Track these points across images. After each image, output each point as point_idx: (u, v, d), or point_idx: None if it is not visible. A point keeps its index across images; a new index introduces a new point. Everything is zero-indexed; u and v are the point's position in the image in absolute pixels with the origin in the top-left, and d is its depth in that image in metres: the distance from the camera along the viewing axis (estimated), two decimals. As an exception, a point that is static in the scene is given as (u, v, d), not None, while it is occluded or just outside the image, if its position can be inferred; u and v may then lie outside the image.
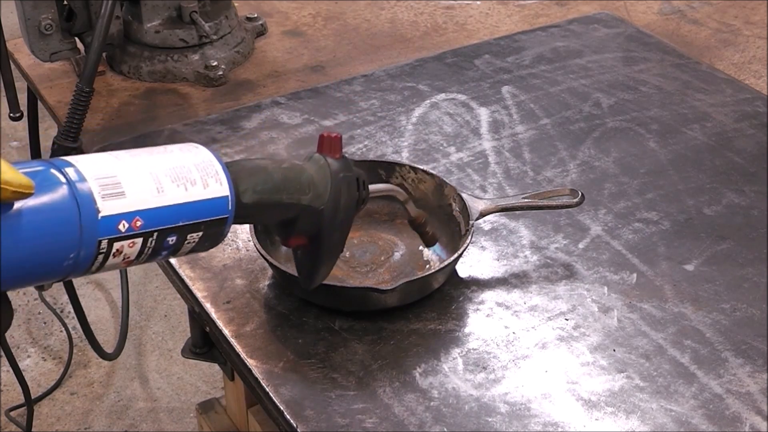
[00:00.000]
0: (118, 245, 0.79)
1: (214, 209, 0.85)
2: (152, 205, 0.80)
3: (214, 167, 0.85)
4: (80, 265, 0.78)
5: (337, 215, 0.95)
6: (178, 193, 0.82)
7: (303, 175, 0.93)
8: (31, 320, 2.43)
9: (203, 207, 0.84)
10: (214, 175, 0.85)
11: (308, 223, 0.94)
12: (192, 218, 0.83)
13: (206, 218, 0.84)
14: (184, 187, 0.82)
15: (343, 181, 0.95)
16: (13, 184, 0.71)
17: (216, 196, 0.84)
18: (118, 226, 0.78)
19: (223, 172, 0.85)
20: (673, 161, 1.33)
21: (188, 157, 0.85)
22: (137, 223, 0.79)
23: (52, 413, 2.19)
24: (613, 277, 1.14)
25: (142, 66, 1.53)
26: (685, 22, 1.71)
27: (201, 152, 0.86)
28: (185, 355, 1.22)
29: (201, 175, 0.84)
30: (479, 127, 1.40)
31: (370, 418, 0.97)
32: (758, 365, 1.02)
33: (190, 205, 0.83)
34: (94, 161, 0.80)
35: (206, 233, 0.85)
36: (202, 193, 0.83)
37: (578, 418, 0.97)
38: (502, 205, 1.16)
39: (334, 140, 0.96)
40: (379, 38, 1.66)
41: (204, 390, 2.24)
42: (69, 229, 0.75)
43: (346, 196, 0.95)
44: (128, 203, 0.79)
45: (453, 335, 1.06)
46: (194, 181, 0.83)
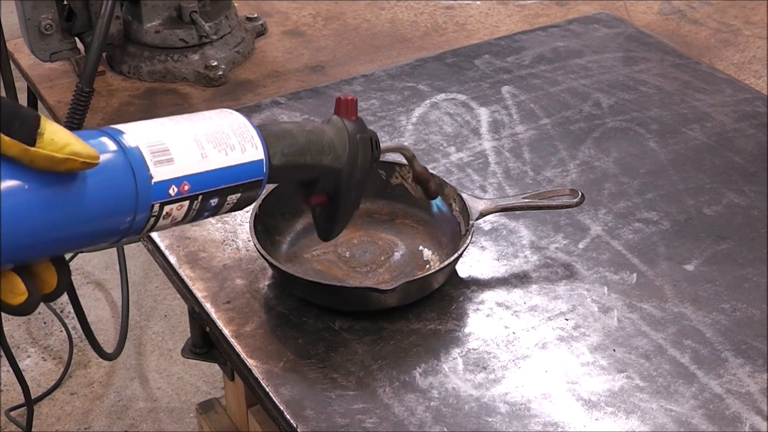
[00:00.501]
0: (168, 208, 0.84)
1: (251, 172, 0.90)
2: (197, 170, 0.85)
3: (250, 132, 0.90)
4: (135, 227, 0.82)
5: (355, 174, 1.00)
6: (219, 157, 0.87)
7: (324, 137, 0.98)
8: (31, 320, 2.43)
9: (242, 170, 0.89)
10: (250, 140, 0.90)
11: (328, 183, 0.99)
12: (232, 181, 0.88)
13: (244, 180, 0.89)
14: (225, 152, 0.87)
15: (360, 141, 1.00)
16: (82, 155, 0.75)
17: (253, 159, 0.90)
18: (169, 191, 0.83)
19: (258, 136, 0.90)
20: (673, 161, 1.33)
21: (225, 122, 0.89)
22: (185, 187, 0.84)
23: (52, 413, 2.19)
24: (613, 277, 1.14)
25: (142, 66, 1.53)
26: (685, 22, 1.71)
27: (236, 117, 0.91)
28: (185, 355, 1.22)
29: (239, 140, 0.89)
30: (479, 127, 1.40)
31: (370, 418, 0.97)
32: (758, 365, 1.02)
33: (231, 168, 0.88)
34: (142, 128, 0.85)
35: (243, 194, 0.90)
36: (240, 158, 0.88)
37: (578, 418, 0.97)
38: (502, 205, 1.16)
39: (351, 103, 1.00)
40: (379, 38, 1.66)
41: (204, 390, 2.24)
42: (126, 195, 0.80)
43: (363, 156, 1.00)
44: (177, 169, 0.84)
45: (453, 335, 1.06)
46: (233, 146, 0.88)
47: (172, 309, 2.46)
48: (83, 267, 2.56)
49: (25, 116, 0.74)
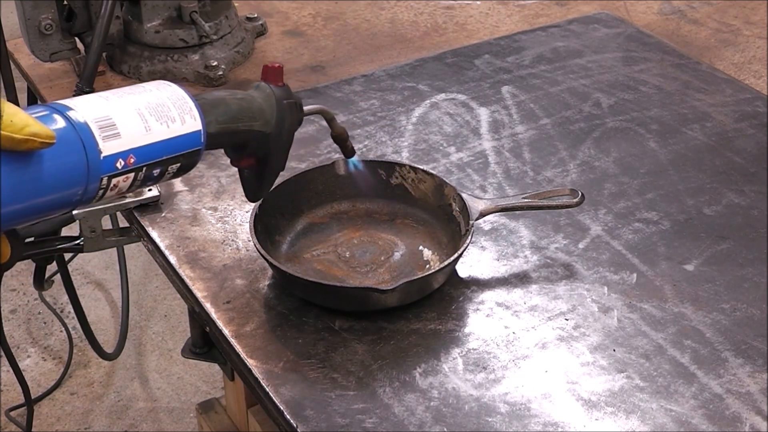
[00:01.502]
0: (115, 180, 0.88)
1: (191, 142, 0.94)
2: (142, 143, 0.90)
3: (188, 103, 0.94)
4: (85, 199, 0.87)
5: (282, 137, 1.05)
6: (161, 130, 0.91)
7: (254, 104, 1.03)
8: (31, 320, 2.43)
9: (182, 141, 0.93)
10: (188, 111, 0.94)
11: (258, 146, 1.04)
12: (173, 152, 0.93)
13: (185, 150, 0.94)
14: (166, 124, 0.92)
15: (286, 106, 1.05)
16: (41, 135, 0.80)
17: (192, 130, 0.94)
18: (116, 164, 0.88)
19: (196, 107, 0.95)
20: (673, 161, 1.33)
21: (165, 94, 0.93)
22: (131, 160, 0.89)
23: (52, 413, 2.19)
24: (613, 277, 1.14)
25: (142, 66, 1.53)
26: (685, 22, 1.71)
27: (174, 89, 0.95)
28: (185, 355, 1.22)
29: (179, 112, 0.93)
30: (479, 127, 1.40)
31: (370, 418, 0.97)
32: (758, 365, 1.02)
33: (172, 140, 0.92)
34: (89, 103, 0.88)
35: (183, 164, 0.95)
36: (180, 129, 0.93)
37: (578, 418, 0.97)
38: (502, 205, 1.16)
39: (277, 70, 1.05)
40: (379, 38, 1.66)
41: (204, 390, 2.24)
42: (78, 170, 0.85)
43: (289, 120, 1.06)
44: (123, 143, 0.88)
45: (453, 335, 1.06)
46: (174, 118, 0.92)
47: (172, 309, 2.46)
48: (83, 267, 2.56)
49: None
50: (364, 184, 1.21)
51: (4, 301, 2.45)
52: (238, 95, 1.02)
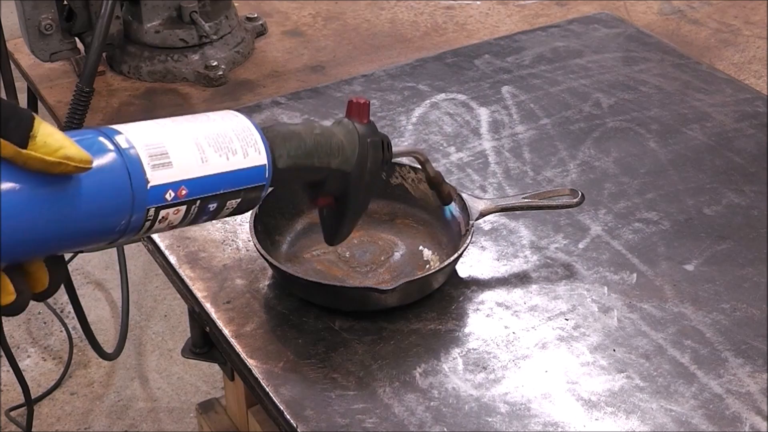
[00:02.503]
0: (164, 212, 0.83)
1: (253, 177, 0.89)
2: (196, 175, 0.84)
3: (253, 136, 0.89)
4: (130, 231, 0.82)
5: (364, 177, 0.99)
6: (220, 162, 0.86)
7: (333, 140, 0.97)
8: (31, 320, 2.43)
9: (243, 175, 0.88)
10: (253, 144, 0.88)
11: (336, 185, 0.99)
12: (232, 186, 0.87)
13: (245, 186, 0.88)
14: (226, 156, 0.86)
15: (370, 145, 0.99)
16: (75, 159, 0.75)
17: (255, 165, 0.88)
18: (165, 195, 0.82)
19: (262, 141, 0.89)
20: (673, 161, 1.33)
21: (228, 125, 0.88)
22: (182, 192, 0.83)
23: (52, 413, 2.19)
24: (613, 277, 1.14)
25: (142, 66, 1.53)
26: (685, 22, 1.71)
27: (240, 120, 0.90)
28: (185, 355, 1.22)
29: (241, 144, 0.87)
30: (479, 127, 1.40)
31: (370, 418, 0.97)
32: (758, 365, 1.02)
33: (231, 174, 0.87)
34: (142, 129, 0.83)
35: (244, 199, 0.89)
36: (242, 162, 0.87)
37: (578, 418, 0.97)
38: (502, 205, 1.16)
39: (363, 106, 1.00)
40: (379, 38, 1.66)
41: (204, 390, 2.24)
42: (121, 199, 0.80)
43: (373, 159, 0.99)
44: (175, 173, 0.82)
45: (453, 335, 1.06)
46: (235, 151, 0.87)
47: (172, 309, 2.46)
48: (83, 267, 2.56)
49: (21, 117, 0.73)
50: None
51: (4, 301, 2.45)
52: (315, 130, 0.97)
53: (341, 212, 1.02)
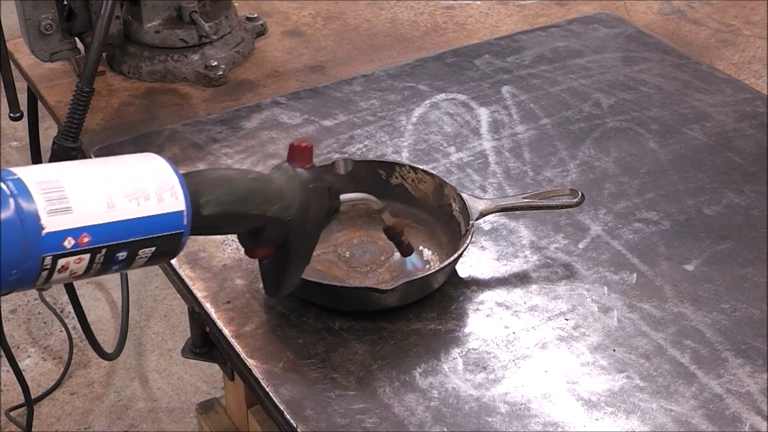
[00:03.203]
0: (63, 261, 0.77)
1: (168, 224, 0.83)
2: (101, 221, 0.78)
3: (171, 181, 0.83)
4: (25, 280, 0.76)
5: (306, 226, 0.94)
6: (130, 207, 0.80)
7: (270, 186, 0.92)
8: (31, 320, 2.43)
9: (156, 222, 0.82)
10: (169, 189, 0.83)
11: (275, 234, 0.93)
12: (144, 234, 0.82)
13: (159, 233, 0.83)
14: (137, 201, 0.81)
15: (313, 191, 0.94)
16: None
17: (170, 211, 0.83)
18: (64, 243, 0.77)
19: (180, 185, 0.84)
20: (673, 161, 1.33)
21: (144, 169, 0.83)
22: (84, 239, 0.78)
23: (52, 413, 2.19)
24: (613, 277, 1.14)
25: (142, 66, 1.53)
26: (685, 22, 1.71)
27: (158, 163, 0.84)
28: (185, 355, 1.22)
29: (156, 188, 0.82)
30: (479, 127, 1.40)
31: (370, 418, 0.97)
32: (758, 365, 1.02)
33: (143, 220, 0.81)
34: (42, 173, 0.78)
35: (159, 248, 0.84)
36: (155, 208, 0.82)
37: (578, 418, 0.97)
38: (502, 205, 1.16)
39: (305, 150, 0.95)
40: (379, 38, 1.66)
41: (204, 390, 2.24)
42: (12, 246, 0.74)
43: (316, 207, 0.95)
44: (75, 219, 0.77)
45: (453, 335, 1.06)
46: (148, 196, 0.81)
47: (172, 309, 2.46)
48: (83, 267, 2.56)
49: None
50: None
51: (4, 301, 2.45)
52: (250, 175, 0.92)
53: (283, 263, 0.96)
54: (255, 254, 0.96)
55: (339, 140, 1.37)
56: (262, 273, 1.00)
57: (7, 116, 1.47)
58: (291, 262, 0.96)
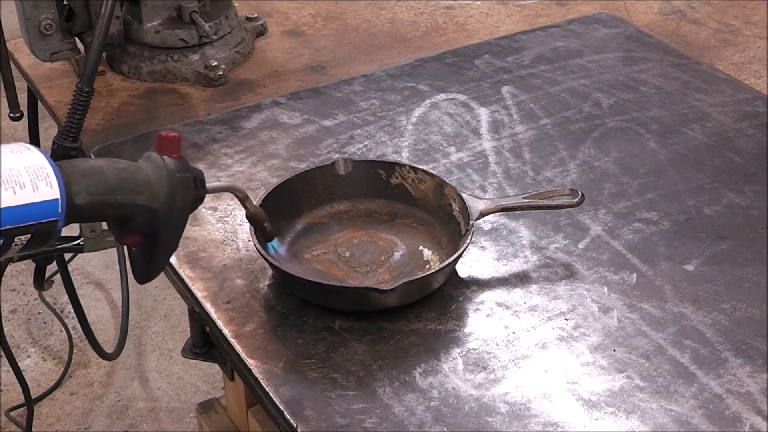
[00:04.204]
0: None
1: (44, 212, 0.85)
2: None
3: (45, 170, 0.85)
4: None
5: (173, 214, 0.96)
6: (6, 196, 0.82)
7: (139, 176, 0.95)
8: (31, 320, 2.43)
9: (32, 210, 0.84)
10: (44, 178, 0.85)
11: (143, 222, 0.95)
12: (20, 221, 0.84)
13: (35, 221, 0.85)
14: (13, 190, 0.83)
15: (179, 181, 0.96)
16: None
17: (46, 199, 0.85)
18: None
19: (54, 174, 0.86)
20: (673, 161, 1.33)
21: (19, 159, 0.85)
22: None
23: (52, 413, 2.19)
24: (613, 277, 1.14)
25: (142, 66, 1.53)
26: (685, 22, 1.71)
27: (33, 154, 0.86)
28: (185, 355, 1.22)
29: (31, 177, 0.84)
30: (479, 127, 1.40)
31: (370, 418, 0.97)
32: (758, 365, 1.02)
33: (19, 208, 0.83)
34: None
35: (35, 234, 0.86)
36: (31, 197, 0.84)
37: (578, 418, 0.97)
38: (502, 205, 1.16)
39: (173, 140, 0.97)
40: (379, 38, 1.66)
41: (204, 390, 2.24)
42: None
43: (182, 196, 0.97)
44: None
45: (453, 335, 1.06)
46: (23, 185, 0.84)
47: (172, 309, 2.46)
48: (83, 267, 2.56)
49: None
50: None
51: (4, 301, 2.45)
52: (119, 165, 0.94)
53: (151, 250, 0.98)
54: (124, 241, 0.99)
55: (339, 140, 1.37)
56: (131, 260, 1.02)
57: (7, 116, 1.47)
58: (158, 249, 0.98)
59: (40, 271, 1.67)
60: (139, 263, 1.00)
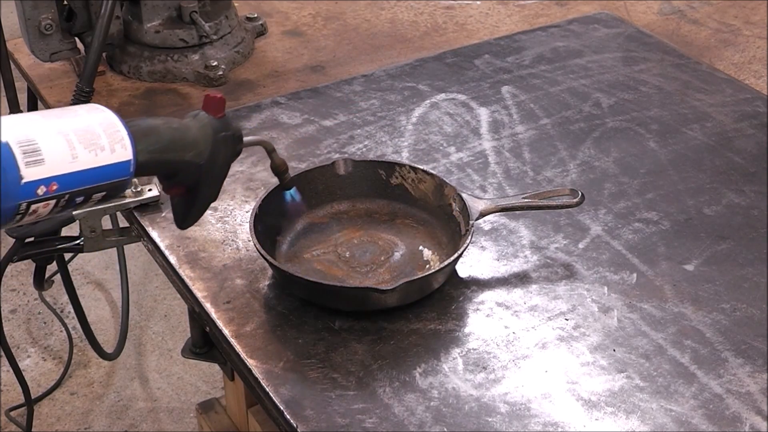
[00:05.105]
0: (34, 206, 0.86)
1: (119, 172, 0.92)
2: (67, 171, 0.87)
3: (120, 132, 0.92)
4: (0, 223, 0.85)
5: (215, 169, 1.04)
6: (89, 158, 0.89)
7: (188, 134, 1.01)
8: (31, 320, 2.43)
9: (109, 171, 0.91)
10: (120, 141, 0.92)
11: (189, 176, 1.02)
12: (99, 181, 0.91)
13: (111, 180, 0.92)
14: (95, 152, 0.89)
15: (222, 139, 1.03)
16: None
17: (121, 160, 0.92)
18: (37, 191, 0.85)
19: (128, 137, 0.92)
20: (673, 161, 1.33)
21: (96, 120, 0.91)
22: (53, 187, 0.86)
23: (52, 413, 2.19)
24: (613, 277, 1.14)
25: (142, 66, 1.53)
26: (685, 22, 1.71)
27: (107, 115, 0.93)
28: (185, 355, 1.22)
29: (109, 140, 0.91)
30: (479, 127, 1.40)
31: (370, 418, 0.97)
32: (758, 365, 1.02)
33: (99, 169, 0.90)
34: (14, 124, 0.85)
35: (109, 192, 0.93)
36: (109, 158, 0.90)
37: (578, 418, 0.97)
38: (502, 205, 1.16)
39: (219, 101, 1.04)
40: (379, 38, 1.66)
41: (204, 390, 2.24)
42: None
43: (224, 153, 1.04)
44: (47, 169, 0.85)
45: (453, 335, 1.06)
46: (103, 147, 0.90)
47: (172, 309, 2.46)
48: (83, 267, 2.56)
49: None
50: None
51: (4, 301, 2.45)
52: (173, 125, 1.01)
53: (192, 201, 1.05)
54: (169, 192, 1.06)
55: (339, 140, 1.37)
56: (173, 208, 1.09)
57: (7, 116, 1.47)
58: (199, 200, 1.05)
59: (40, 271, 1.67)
60: (180, 211, 1.08)
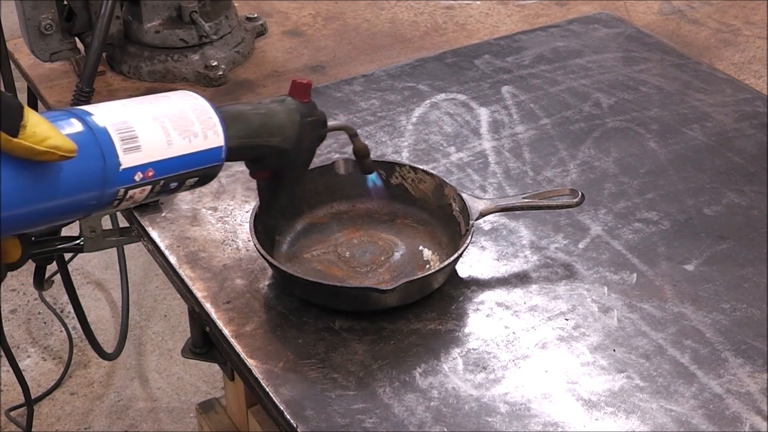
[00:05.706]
0: (132, 192, 0.88)
1: (211, 158, 0.94)
2: (162, 157, 0.89)
3: (212, 118, 0.94)
4: (99, 208, 0.87)
5: (301, 154, 1.05)
6: (183, 144, 0.91)
7: (275, 120, 1.02)
8: (31, 320, 2.43)
9: (203, 156, 0.93)
10: (212, 127, 0.93)
11: (275, 161, 1.04)
12: (193, 167, 0.93)
13: (204, 166, 0.94)
14: (189, 139, 0.91)
15: (308, 124, 1.04)
16: (62, 149, 0.79)
17: (214, 146, 0.93)
18: (135, 177, 0.87)
19: (220, 123, 0.94)
20: (673, 161, 1.33)
21: (188, 107, 0.93)
22: (149, 174, 0.88)
23: (52, 413, 2.19)
24: (613, 277, 1.14)
25: (142, 66, 1.53)
26: (685, 22, 1.71)
27: (199, 101, 0.94)
28: (185, 355, 1.22)
29: (202, 127, 0.92)
30: (479, 127, 1.40)
31: (370, 418, 0.97)
32: (758, 365, 1.02)
33: (193, 155, 0.92)
34: (111, 111, 0.88)
35: (202, 177, 0.95)
36: (202, 144, 0.92)
37: (578, 418, 0.97)
38: (502, 205, 1.16)
39: (305, 86, 1.05)
40: (379, 38, 1.66)
41: (204, 390, 2.24)
42: (95, 181, 0.85)
43: (310, 137, 1.05)
44: (143, 156, 0.87)
45: (453, 335, 1.06)
46: (197, 133, 0.92)
47: (172, 309, 2.46)
48: (83, 267, 2.56)
49: (9, 106, 0.77)
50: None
51: (4, 301, 2.45)
52: (261, 110, 1.01)
53: (277, 185, 1.07)
54: (256, 177, 1.07)
55: (339, 140, 1.37)
56: (258, 191, 1.10)
57: (7, 116, 1.47)
58: (284, 184, 1.07)
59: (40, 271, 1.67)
60: (265, 194, 1.10)
